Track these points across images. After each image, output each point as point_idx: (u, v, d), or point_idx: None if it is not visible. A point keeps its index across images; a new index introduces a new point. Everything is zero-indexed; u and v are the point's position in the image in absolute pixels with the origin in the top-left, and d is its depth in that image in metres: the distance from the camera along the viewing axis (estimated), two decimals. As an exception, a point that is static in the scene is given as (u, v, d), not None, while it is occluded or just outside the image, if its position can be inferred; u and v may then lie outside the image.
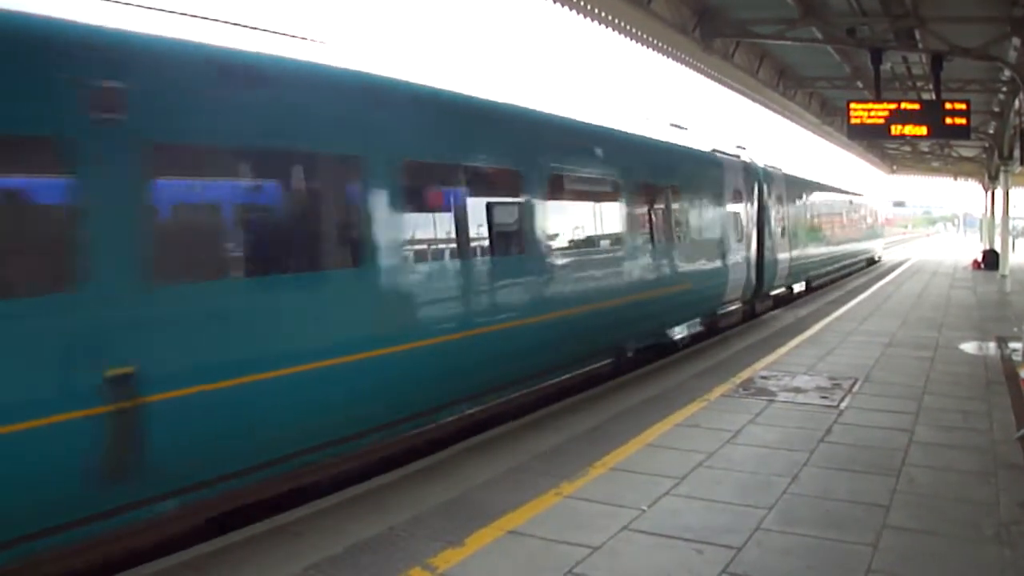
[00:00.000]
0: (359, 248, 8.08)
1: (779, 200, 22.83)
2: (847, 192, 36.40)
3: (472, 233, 9.66)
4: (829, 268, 31.85)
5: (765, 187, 21.18)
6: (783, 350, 15.33)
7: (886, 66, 18.35)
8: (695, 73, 19.73)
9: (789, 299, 25.29)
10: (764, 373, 13.03)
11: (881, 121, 16.84)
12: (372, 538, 6.56)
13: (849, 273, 36.90)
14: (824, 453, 8.78)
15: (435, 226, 9.28)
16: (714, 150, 18.17)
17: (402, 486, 7.84)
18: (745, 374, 12.94)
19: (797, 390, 11.80)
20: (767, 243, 21.32)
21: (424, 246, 9.06)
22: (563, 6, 13.68)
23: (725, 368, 13.58)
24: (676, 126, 17.24)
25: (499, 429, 9.91)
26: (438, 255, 9.26)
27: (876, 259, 47.36)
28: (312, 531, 6.75)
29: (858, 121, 17.05)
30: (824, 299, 25.32)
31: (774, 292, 23.32)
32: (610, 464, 8.37)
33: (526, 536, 6.54)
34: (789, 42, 18.41)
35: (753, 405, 10.89)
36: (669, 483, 7.74)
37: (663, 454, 8.76)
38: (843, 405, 10.87)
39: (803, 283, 27.56)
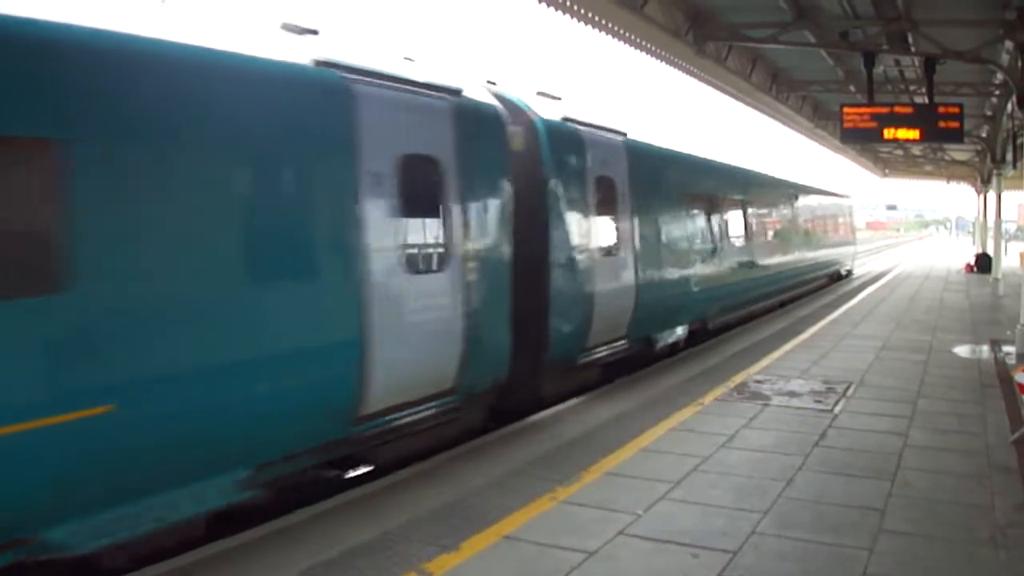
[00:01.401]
0: None
1: (610, 188, 12.93)
2: (786, 184, 25.88)
3: None
4: (746, 297, 20.97)
5: (555, 161, 11.41)
6: (777, 354, 15.34)
7: (879, 69, 18.36)
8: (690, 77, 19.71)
9: (651, 358, 14.62)
10: (758, 377, 13.03)
11: (874, 125, 16.78)
12: (367, 542, 6.55)
13: (792, 299, 26.53)
14: (819, 457, 8.79)
15: None
16: (325, 63, 7.86)
17: (397, 491, 7.82)
18: (739, 378, 12.95)
19: (791, 394, 11.80)
20: (562, 264, 11.47)
21: None
22: (557, 10, 13.67)
23: (719, 372, 13.59)
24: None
25: (491, 435, 9.90)
26: None
27: (845, 273, 37.60)
28: (307, 536, 6.74)
29: (851, 125, 17.01)
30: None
31: (599, 355, 12.70)
32: (605, 469, 8.37)
33: (521, 541, 6.53)
34: (782, 46, 18.39)
35: (747, 409, 10.90)
36: (664, 487, 7.74)
37: (658, 458, 8.76)
38: (837, 409, 10.88)
39: (683, 328, 16.07)
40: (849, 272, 38.95)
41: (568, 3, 13.66)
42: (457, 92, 9.52)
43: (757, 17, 16.85)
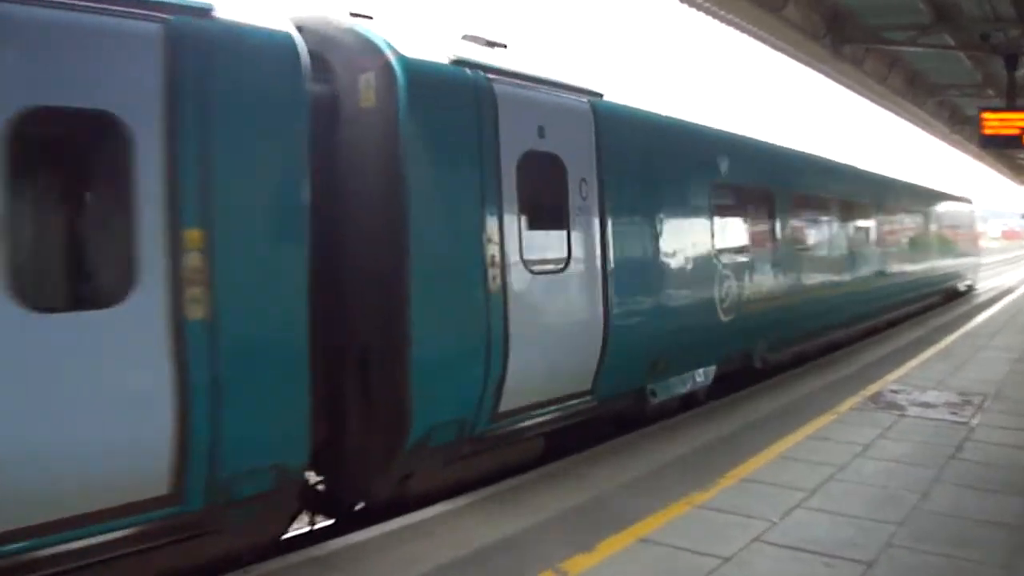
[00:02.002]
0: None
1: (555, 171, 8.74)
2: (875, 179, 20.80)
3: None
4: (813, 325, 15.92)
5: (422, 125, 7.18)
6: (913, 363, 15.11)
7: (1020, 73, 17.91)
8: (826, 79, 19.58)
9: (647, 417, 10.56)
10: (894, 387, 12.86)
11: (1015, 131, 16.42)
12: (502, 540, 6.68)
13: (888, 324, 21.63)
14: (955, 470, 8.66)
15: None
16: None
17: (532, 490, 7.97)
18: (875, 387, 12.82)
19: (927, 405, 11.63)
20: (440, 286, 7.37)
21: None
22: (698, 11, 13.78)
23: (854, 381, 13.47)
24: None
25: (624, 438, 9.94)
26: None
27: (964, 289, 32.76)
28: (443, 531, 6.88)
29: (991, 131, 16.65)
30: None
31: (531, 421, 8.58)
32: (740, 475, 8.40)
33: (656, 544, 6.62)
34: (920, 48, 18.12)
35: (883, 419, 10.78)
36: (800, 495, 7.75)
37: (793, 466, 8.75)
38: (974, 422, 10.68)
39: (705, 372, 11.69)
40: (969, 288, 34.20)
41: (709, 5, 13.72)
42: (197, 11, 5.60)
43: (895, 19, 16.68)
